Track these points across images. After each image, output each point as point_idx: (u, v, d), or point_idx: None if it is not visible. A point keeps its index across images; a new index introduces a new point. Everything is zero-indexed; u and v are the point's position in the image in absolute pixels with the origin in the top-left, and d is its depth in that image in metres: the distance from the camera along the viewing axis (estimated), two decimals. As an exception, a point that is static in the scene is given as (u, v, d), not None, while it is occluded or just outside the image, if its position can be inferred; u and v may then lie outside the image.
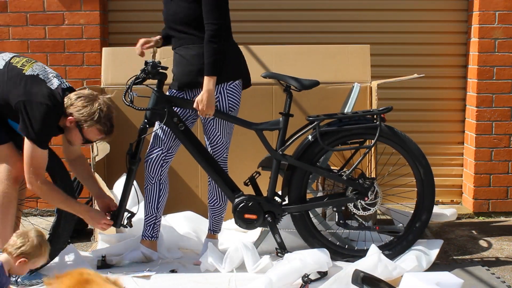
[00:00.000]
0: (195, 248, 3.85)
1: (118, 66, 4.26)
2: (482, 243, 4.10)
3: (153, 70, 3.42)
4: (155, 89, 3.49)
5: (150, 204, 3.62)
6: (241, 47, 4.03)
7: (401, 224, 3.66)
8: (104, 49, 4.43)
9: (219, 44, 3.40)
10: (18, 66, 3.26)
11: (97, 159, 3.94)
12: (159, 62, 3.47)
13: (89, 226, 4.20)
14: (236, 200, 3.54)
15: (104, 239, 3.85)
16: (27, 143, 3.19)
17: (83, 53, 4.79)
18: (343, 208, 3.56)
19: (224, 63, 3.46)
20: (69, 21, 4.76)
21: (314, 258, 3.28)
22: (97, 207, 3.60)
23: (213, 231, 3.76)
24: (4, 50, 4.74)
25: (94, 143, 3.89)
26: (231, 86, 3.54)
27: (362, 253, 3.50)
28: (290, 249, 3.60)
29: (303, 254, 3.33)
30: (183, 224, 4.05)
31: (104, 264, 3.53)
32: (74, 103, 3.20)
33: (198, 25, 3.43)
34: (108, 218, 3.49)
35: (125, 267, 3.55)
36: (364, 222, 3.63)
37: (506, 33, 4.68)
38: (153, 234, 3.65)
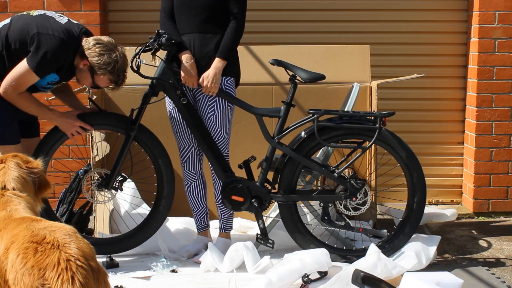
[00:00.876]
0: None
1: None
2: (482, 243, 4.10)
3: (166, 42, 3.44)
4: (164, 59, 3.51)
5: (199, 199, 3.76)
6: (241, 47, 4.04)
7: (385, 230, 3.66)
8: (104, 49, 4.42)
9: (241, 37, 3.57)
10: (24, 13, 3.41)
11: (97, 159, 3.94)
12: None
13: (89, 226, 4.20)
14: (226, 180, 3.57)
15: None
16: (25, 63, 3.25)
17: (83, 53, 4.78)
18: (330, 205, 3.59)
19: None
20: (69, 21, 4.76)
21: (314, 258, 3.28)
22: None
23: (224, 230, 3.78)
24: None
25: (94, 143, 3.90)
26: (228, 81, 3.61)
27: (342, 251, 3.60)
28: (289, 249, 3.60)
29: (302, 254, 3.33)
30: (183, 229, 4.04)
31: (112, 264, 3.55)
32: (91, 48, 3.33)
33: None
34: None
35: (126, 267, 3.55)
36: (349, 222, 3.65)
37: (506, 33, 4.67)
38: (207, 224, 3.83)
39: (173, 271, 3.49)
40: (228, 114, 3.63)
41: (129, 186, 4.02)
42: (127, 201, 4.04)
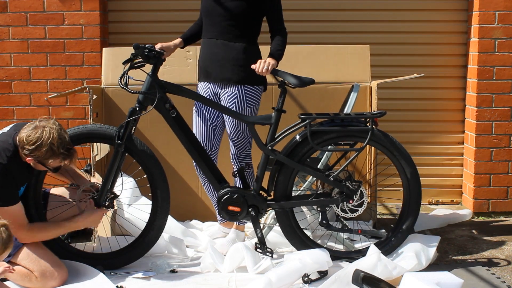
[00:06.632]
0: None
1: (118, 66, 4.22)
2: (482, 243, 4.10)
3: (149, 54, 3.43)
4: (150, 73, 3.47)
5: (215, 196, 3.77)
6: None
7: (383, 230, 3.66)
8: (104, 49, 4.43)
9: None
10: None
11: (97, 158, 3.94)
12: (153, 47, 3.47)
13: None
14: (222, 191, 3.55)
15: (101, 241, 3.82)
16: None
17: (83, 53, 4.79)
18: (327, 208, 3.56)
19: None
20: (69, 21, 4.76)
21: (314, 258, 3.28)
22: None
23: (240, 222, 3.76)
24: (4, 50, 4.77)
25: (94, 144, 3.90)
26: (254, 91, 3.66)
27: (341, 254, 3.58)
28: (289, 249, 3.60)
29: (302, 254, 3.33)
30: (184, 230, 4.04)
31: None
32: (25, 146, 3.13)
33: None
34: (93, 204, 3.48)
35: (126, 267, 3.55)
36: (347, 225, 3.64)
37: (506, 33, 4.68)
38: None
39: (173, 271, 3.49)
40: (248, 114, 3.64)
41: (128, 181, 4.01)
42: (127, 203, 4.03)
